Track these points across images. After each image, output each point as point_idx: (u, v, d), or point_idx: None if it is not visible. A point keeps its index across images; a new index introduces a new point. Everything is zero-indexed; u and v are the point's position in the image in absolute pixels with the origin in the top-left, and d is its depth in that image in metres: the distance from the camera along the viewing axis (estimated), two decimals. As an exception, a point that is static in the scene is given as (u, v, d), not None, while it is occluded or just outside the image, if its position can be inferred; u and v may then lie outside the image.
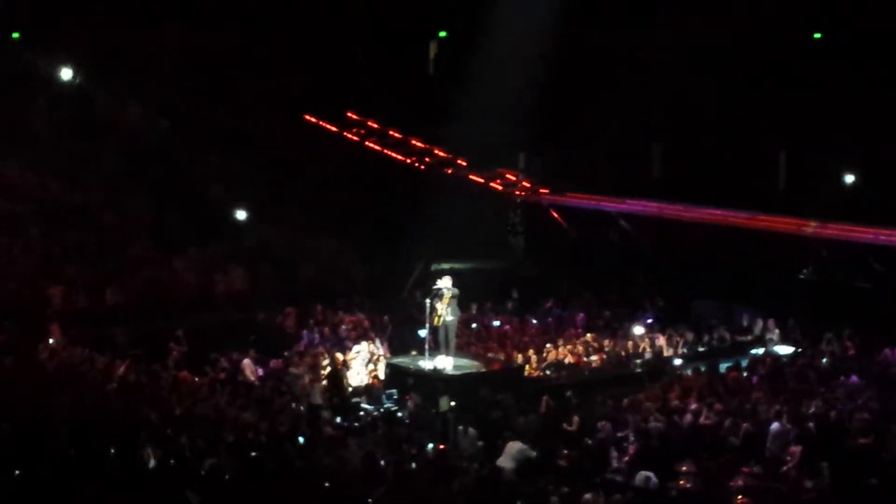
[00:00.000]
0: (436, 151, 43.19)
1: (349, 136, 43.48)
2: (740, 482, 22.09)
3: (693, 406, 26.01)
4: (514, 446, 23.75)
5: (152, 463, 19.88)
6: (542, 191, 41.99)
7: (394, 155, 42.99)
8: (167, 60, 40.15)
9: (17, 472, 18.63)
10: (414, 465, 22.00)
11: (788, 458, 22.91)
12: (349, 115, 43.95)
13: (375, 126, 43.86)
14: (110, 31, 39.26)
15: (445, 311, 29.08)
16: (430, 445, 24.23)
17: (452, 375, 28.88)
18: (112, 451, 20.33)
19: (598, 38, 40.09)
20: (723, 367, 31.13)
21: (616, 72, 38.96)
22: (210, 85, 40.85)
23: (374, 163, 42.36)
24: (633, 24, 39.42)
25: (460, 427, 25.55)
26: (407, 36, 43.18)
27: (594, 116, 38.33)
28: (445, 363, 29.14)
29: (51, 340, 28.92)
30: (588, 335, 33.62)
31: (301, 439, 23.25)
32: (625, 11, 39.63)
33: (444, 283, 29.31)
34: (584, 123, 38.72)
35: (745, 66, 38.19)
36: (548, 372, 31.29)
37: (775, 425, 23.90)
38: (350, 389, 29.53)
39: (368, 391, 29.51)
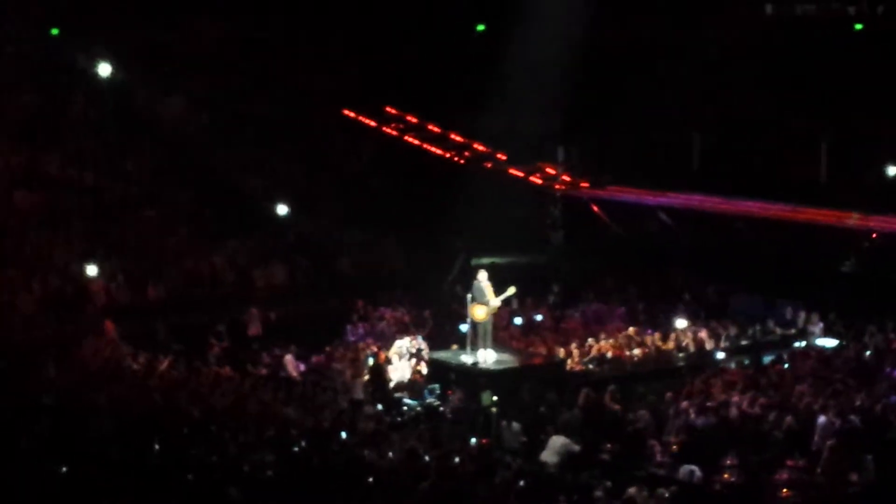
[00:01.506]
0: (475, 146, 43.06)
1: (388, 130, 43.41)
2: (784, 476, 21.98)
3: (736, 399, 25.87)
4: (557, 441, 23.70)
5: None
6: (582, 185, 41.78)
7: (433, 149, 42.86)
8: (206, 54, 40.18)
9: (62, 468, 18.70)
10: (457, 459, 21.96)
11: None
12: (387, 109, 43.87)
13: (414, 121, 43.77)
14: (149, 24, 39.35)
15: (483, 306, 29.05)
16: (473, 440, 24.22)
17: (494, 370, 28.73)
18: (155, 447, 20.39)
19: (636, 29, 39.89)
20: (765, 360, 31.02)
21: (655, 63, 38.78)
22: (249, 78, 40.88)
23: (412, 156, 42.30)
24: (672, 14, 39.21)
25: (503, 422, 25.49)
26: (446, 29, 42.99)
27: (633, 108, 38.18)
28: (487, 358, 29.05)
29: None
30: (630, 329, 33.45)
31: (343, 435, 23.26)
32: (664, 1, 39.48)
33: (482, 278, 29.26)
34: (624, 115, 38.58)
35: (785, 56, 37.93)
36: (590, 366, 31.19)
37: (822, 419, 23.74)
38: (392, 384, 29.54)
39: (410, 386, 29.48)
